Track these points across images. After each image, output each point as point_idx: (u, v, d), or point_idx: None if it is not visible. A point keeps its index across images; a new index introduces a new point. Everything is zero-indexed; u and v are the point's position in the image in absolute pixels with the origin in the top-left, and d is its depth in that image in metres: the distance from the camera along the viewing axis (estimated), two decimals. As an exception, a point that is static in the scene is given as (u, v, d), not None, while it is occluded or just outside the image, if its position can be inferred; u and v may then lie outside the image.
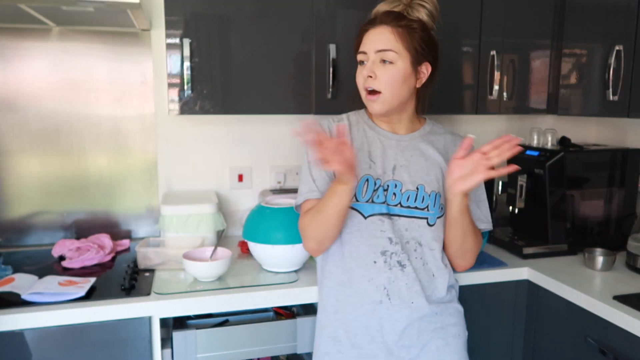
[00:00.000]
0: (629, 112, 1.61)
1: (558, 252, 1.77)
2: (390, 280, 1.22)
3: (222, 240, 1.71)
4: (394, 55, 1.19)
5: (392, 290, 1.22)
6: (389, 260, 1.22)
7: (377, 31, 1.21)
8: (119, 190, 1.89)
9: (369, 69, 1.21)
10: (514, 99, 1.90)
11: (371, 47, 1.21)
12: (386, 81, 1.20)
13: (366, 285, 1.23)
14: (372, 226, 1.23)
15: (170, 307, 1.36)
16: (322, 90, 1.69)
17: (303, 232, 1.26)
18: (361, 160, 1.25)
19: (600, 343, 1.39)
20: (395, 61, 1.19)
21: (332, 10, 1.67)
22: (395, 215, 1.24)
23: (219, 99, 1.63)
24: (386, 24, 1.20)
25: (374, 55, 1.21)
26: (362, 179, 1.24)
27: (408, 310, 1.22)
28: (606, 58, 1.67)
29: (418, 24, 1.21)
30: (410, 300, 1.22)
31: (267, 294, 1.43)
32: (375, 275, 1.22)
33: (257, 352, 1.46)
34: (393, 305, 1.22)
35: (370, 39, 1.22)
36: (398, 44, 1.19)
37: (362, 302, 1.23)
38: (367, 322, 1.23)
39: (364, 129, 1.31)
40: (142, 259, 1.59)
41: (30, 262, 1.64)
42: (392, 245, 1.23)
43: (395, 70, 1.20)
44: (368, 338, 1.23)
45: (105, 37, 1.80)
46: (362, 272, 1.23)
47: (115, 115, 1.85)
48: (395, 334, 1.22)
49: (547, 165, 1.75)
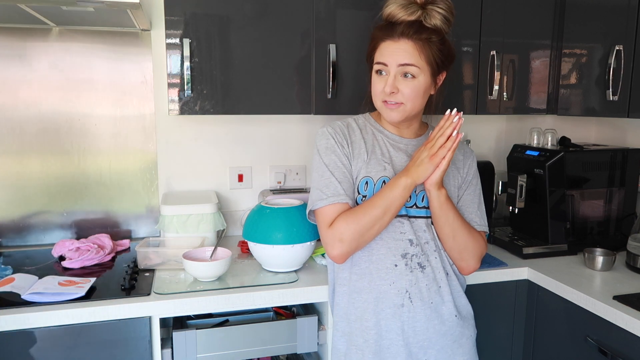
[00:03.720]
0: (629, 112, 1.61)
1: (558, 252, 1.77)
2: (412, 283, 1.22)
3: (222, 240, 1.71)
4: (416, 70, 1.18)
5: (413, 292, 1.22)
6: (409, 262, 1.22)
7: (398, 45, 1.18)
8: (119, 190, 1.89)
9: (391, 85, 1.18)
10: (514, 99, 1.90)
11: (393, 61, 1.18)
12: (408, 95, 1.19)
13: (387, 289, 1.22)
14: (392, 228, 1.22)
15: (170, 307, 1.36)
16: (322, 91, 1.69)
17: (340, 236, 1.17)
18: (375, 163, 1.25)
19: (600, 343, 1.39)
20: (417, 75, 1.18)
21: (332, 11, 1.67)
22: (413, 217, 1.24)
23: (219, 99, 1.63)
24: (407, 38, 1.17)
25: (395, 69, 1.18)
26: (379, 182, 1.23)
27: (428, 311, 1.23)
28: (606, 58, 1.67)
29: (437, 36, 1.19)
30: (430, 301, 1.23)
31: (267, 294, 1.43)
32: (396, 279, 1.21)
33: (257, 352, 1.46)
34: (415, 307, 1.22)
35: (392, 52, 1.18)
36: (420, 60, 1.18)
37: (383, 306, 1.22)
38: (388, 327, 1.22)
39: (373, 132, 1.30)
40: (142, 259, 1.59)
41: (30, 262, 1.64)
42: (413, 247, 1.23)
43: (417, 84, 1.19)
44: (387, 342, 1.23)
45: (105, 37, 1.80)
46: (382, 276, 1.22)
47: (115, 115, 1.85)
48: (415, 336, 1.22)
49: (547, 165, 1.75)
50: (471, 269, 1.28)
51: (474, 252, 1.26)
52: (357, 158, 1.26)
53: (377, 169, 1.24)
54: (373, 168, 1.24)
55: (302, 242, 1.50)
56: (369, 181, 1.23)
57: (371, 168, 1.24)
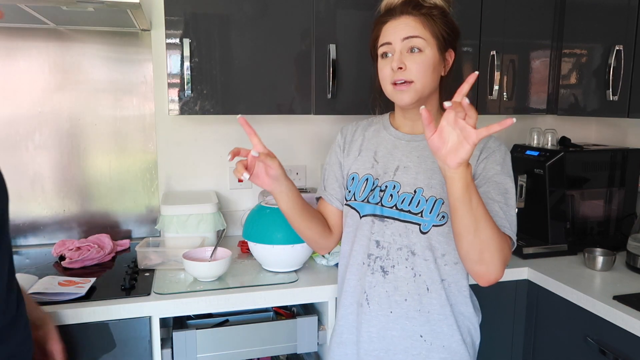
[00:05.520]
0: (629, 112, 1.61)
1: (558, 252, 1.77)
2: (371, 285, 1.17)
3: (222, 240, 1.71)
4: (422, 42, 1.11)
5: (371, 295, 1.17)
6: (372, 264, 1.18)
7: (399, 21, 1.13)
8: (119, 190, 1.89)
9: (398, 60, 1.11)
10: (514, 99, 1.90)
11: (396, 36, 1.12)
12: (417, 70, 1.11)
13: (355, 284, 1.21)
14: (364, 226, 1.20)
15: (170, 307, 1.36)
16: (322, 91, 1.69)
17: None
18: (365, 160, 1.24)
19: (600, 343, 1.39)
20: (423, 48, 1.11)
21: (332, 10, 1.67)
22: (389, 218, 1.17)
23: (219, 99, 1.63)
24: (407, 14, 1.12)
25: (400, 45, 1.12)
26: (363, 178, 1.22)
27: (384, 320, 1.16)
28: (606, 58, 1.67)
29: (437, 10, 1.15)
30: (389, 310, 1.16)
31: (267, 294, 1.43)
32: (362, 277, 1.20)
33: (257, 352, 1.46)
34: (371, 310, 1.18)
35: (394, 29, 1.13)
36: (425, 31, 1.11)
37: (351, 300, 1.22)
38: (351, 322, 1.22)
39: (377, 130, 1.27)
40: (142, 259, 1.59)
41: (30, 262, 1.64)
42: (378, 249, 1.17)
43: (425, 57, 1.11)
44: (352, 338, 1.22)
45: (105, 37, 1.80)
46: (354, 271, 1.22)
47: (115, 115, 1.85)
48: (368, 341, 1.19)
49: (547, 165, 1.75)
50: (492, 276, 1.03)
51: (498, 252, 1.00)
52: (350, 155, 1.27)
53: (365, 166, 1.23)
54: (361, 165, 1.23)
55: (302, 242, 1.50)
56: (355, 177, 1.23)
57: (359, 165, 1.23)
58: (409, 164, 1.18)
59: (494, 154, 1.14)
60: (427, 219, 1.14)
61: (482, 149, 1.15)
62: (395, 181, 1.18)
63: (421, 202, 1.14)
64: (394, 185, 1.18)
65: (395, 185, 1.17)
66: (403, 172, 1.18)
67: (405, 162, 1.19)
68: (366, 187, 1.21)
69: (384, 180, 1.19)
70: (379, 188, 1.19)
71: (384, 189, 1.18)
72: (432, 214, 1.13)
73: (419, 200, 1.14)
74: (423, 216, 1.14)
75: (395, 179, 1.18)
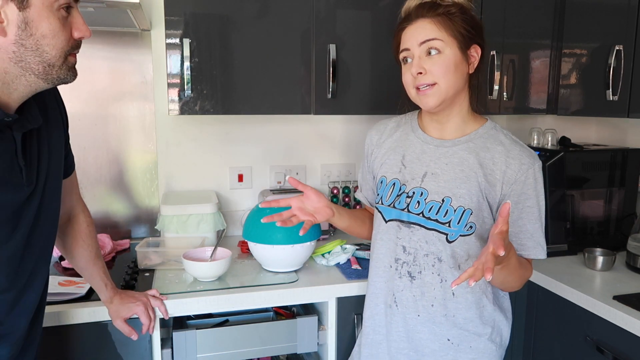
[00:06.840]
0: (629, 112, 1.61)
1: (558, 252, 1.77)
2: (399, 289, 1.19)
3: (222, 240, 1.71)
4: (440, 43, 1.09)
5: (399, 298, 1.20)
6: (399, 268, 1.20)
7: (415, 25, 1.12)
8: (119, 190, 1.89)
9: (417, 65, 1.11)
10: (514, 99, 1.90)
11: (413, 41, 1.11)
12: (438, 72, 1.10)
13: (382, 286, 1.22)
14: (390, 231, 1.21)
15: (170, 307, 1.36)
16: (322, 91, 1.69)
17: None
18: (392, 164, 1.22)
19: (600, 343, 1.39)
20: (442, 49, 1.10)
21: (332, 10, 1.67)
22: (415, 224, 1.17)
23: (219, 99, 1.63)
24: (422, 17, 1.11)
25: (418, 50, 1.11)
26: (390, 183, 1.21)
27: (412, 322, 1.18)
28: (606, 58, 1.67)
29: (456, 8, 1.11)
30: (417, 313, 1.18)
31: (267, 294, 1.43)
32: (389, 279, 1.21)
33: (257, 352, 1.46)
34: (400, 311, 1.20)
35: (411, 34, 1.12)
36: (442, 32, 1.09)
37: (377, 301, 1.24)
38: (380, 322, 1.23)
39: (406, 132, 1.26)
40: (142, 259, 1.59)
41: (30, 262, 1.64)
42: (405, 255, 1.18)
43: (444, 58, 1.10)
44: (382, 338, 1.24)
45: (105, 37, 1.80)
46: (380, 273, 1.23)
47: (115, 115, 1.85)
48: (399, 341, 1.21)
49: (547, 165, 1.75)
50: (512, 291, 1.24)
51: (521, 281, 1.17)
52: (377, 159, 1.27)
53: (392, 170, 1.22)
54: (389, 169, 1.23)
55: (302, 242, 1.50)
56: (383, 180, 1.23)
57: (387, 168, 1.23)
58: (437, 170, 1.17)
59: (529, 177, 1.13)
60: (454, 229, 1.13)
61: (518, 170, 1.13)
62: (422, 188, 1.17)
63: (449, 211, 1.14)
64: (422, 192, 1.17)
65: (422, 192, 1.17)
66: (431, 178, 1.17)
67: (433, 168, 1.17)
68: (393, 192, 1.20)
69: (412, 187, 1.18)
70: (406, 194, 1.18)
71: (411, 195, 1.17)
72: (460, 224, 1.13)
73: (447, 210, 1.14)
74: (451, 226, 1.14)
75: (423, 185, 1.17)
